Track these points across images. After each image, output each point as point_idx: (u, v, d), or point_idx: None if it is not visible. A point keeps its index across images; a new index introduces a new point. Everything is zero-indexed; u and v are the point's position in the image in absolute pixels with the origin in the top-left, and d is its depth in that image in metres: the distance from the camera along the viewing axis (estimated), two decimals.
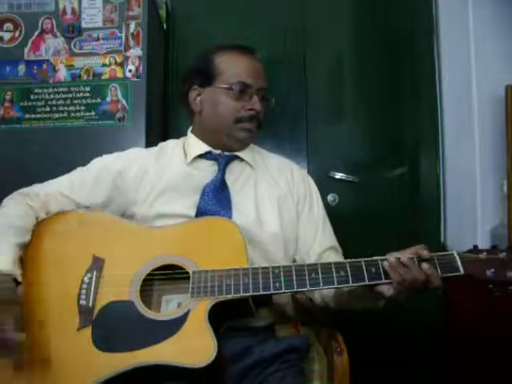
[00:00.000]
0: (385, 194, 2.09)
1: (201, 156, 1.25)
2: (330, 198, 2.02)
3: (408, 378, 1.96)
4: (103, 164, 1.25)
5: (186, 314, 0.98)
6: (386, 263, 0.99)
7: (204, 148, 1.26)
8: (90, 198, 1.20)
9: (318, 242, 1.24)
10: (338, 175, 2.07)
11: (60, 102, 1.78)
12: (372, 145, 2.12)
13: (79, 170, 1.25)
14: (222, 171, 1.23)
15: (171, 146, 1.31)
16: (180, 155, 1.27)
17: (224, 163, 1.24)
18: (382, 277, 0.98)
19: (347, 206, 2.05)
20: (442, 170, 2.09)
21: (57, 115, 1.78)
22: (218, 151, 1.26)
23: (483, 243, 1.77)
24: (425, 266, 0.97)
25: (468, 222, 1.85)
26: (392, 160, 2.11)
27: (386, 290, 0.99)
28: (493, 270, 0.96)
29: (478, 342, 1.72)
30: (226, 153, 1.26)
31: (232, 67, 1.23)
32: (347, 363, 1.12)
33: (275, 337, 1.15)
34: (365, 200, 2.09)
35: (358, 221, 2.01)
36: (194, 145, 1.27)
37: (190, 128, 1.33)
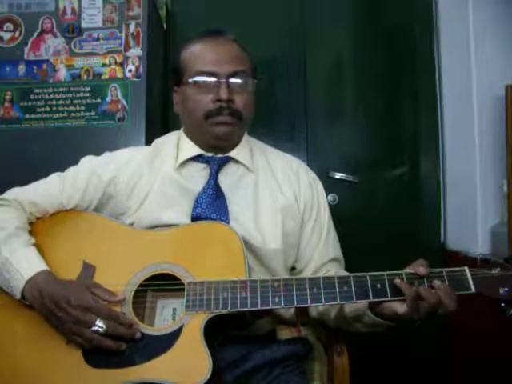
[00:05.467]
0: (385, 194, 2.10)
1: (193, 159, 1.16)
2: (330, 198, 2.02)
3: (408, 377, 1.97)
4: (93, 169, 1.16)
5: (179, 329, 0.93)
6: (397, 280, 0.90)
7: (194, 151, 1.16)
8: (80, 204, 1.14)
9: (319, 254, 1.17)
10: (338, 175, 2.07)
11: (60, 102, 1.78)
12: (372, 145, 2.13)
13: (64, 175, 1.17)
14: (215, 176, 1.13)
15: (165, 144, 1.22)
16: (173, 158, 1.17)
17: (216, 167, 1.14)
18: (388, 294, 0.91)
19: (347, 206, 2.06)
20: (441, 170, 2.10)
21: (57, 115, 1.78)
22: (209, 153, 1.16)
23: (483, 243, 1.77)
24: (437, 283, 0.89)
25: (468, 222, 1.84)
26: (392, 160, 2.11)
27: (399, 307, 0.91)
28: (506, 289, 0.89)
29: (480, 347, 1.72)
30: (220, 155, 1.16)
31: (193, 58, 1.13)
32: (347, 363, 1.12)
33: (276, 339, 1.11)
34: (365, 200, 2.09)
35: (357, 221, 2.01)
36: (185, 146, 1.18)
37: (182, 128, 1.24)
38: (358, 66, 2.15)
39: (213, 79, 1.10)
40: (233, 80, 1.10)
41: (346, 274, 1.01)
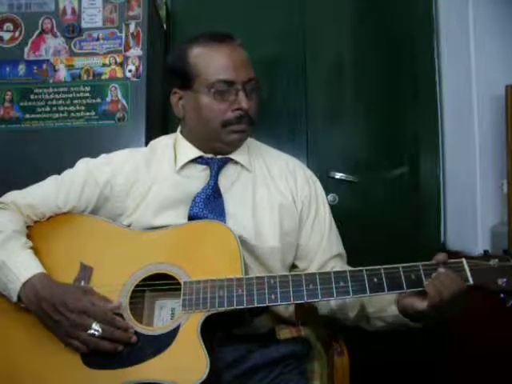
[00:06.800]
0: (385, 194, 2.09)
1: (192, 161, 1.16)
2: (330, 197, 2.02)
3: (408, 377, 1.96)
4: (89, 172, 1.16)
5: (176, 329, 0.94)
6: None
7: (194, 153, 1.16)
8: (77, 207, 1.14)
9: (323, 251, 1.17)
10: (338, 175, 2.07)
11: (60, 102, 1.78)
12: (372, 145, 2.12)
13: (61, 178, 1.17)
14: (215, 177, 1.13)
15: (162, 146, 1.22)
16: (170, 160, 1.17)
17: (216, 168, 1.14)
18: (385, 287, 0.92)
19: (347, 205, 2.05)
20: (441, 170, 2.09)
21: (57, 115, 1.77)
22: (209, 155, 1.16)
23: (483, 243, 1.76)
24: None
25: (468, 222, 1.84)
26: (392, 160, 2.11)
27: (419, 303, 0.92)
28: (505, 280, 0.89)
29: (480, 347, 1.72)
30: (219, 156, 1.16)
31: (209, 64, 1.10)
32: (347, 363, 1.12)
33: (276, 339, 1.11)
34: (365, 200, 2.09)
35: (357, 221, 2.01)
36: (184, 148, 1.17)
37: (180, 127, 1.23)
38: (358, 66, 2.15)
39: (231, 88, 1.09)
40: (248, 87, 1.11)
41: (347, 268, 1.01)
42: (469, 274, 0.92)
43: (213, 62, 1.10)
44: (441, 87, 2.11)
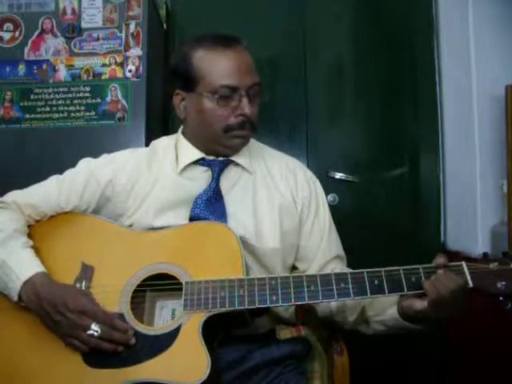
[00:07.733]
0: (385, 194, 2.10)
1: (194, 162, 1.16)
2: (330, 198, 2.02)
3: (408, 377, 1.96)
4: (90, 171, 1.15)
5: (177, 329, 0.94)
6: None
7: (196, 155, 1.15)
8: (79, 206, 1.13)
9: (323, 252, 1.17)
10: (338, 175, 2.07)
11: (60, 101, 1.78)
12: (372, 145, 2.13)
13: (62, 177, 1.17)
14: (216, 179, 1.13)
15: (163, 146, 1.21)
16: (172, 161, 1.17)
17: (218, 170, 1.14)
18: (385, 290, 0.93)
19: (347, 206, 2.06)
20: (441, 170, 2.09)
21: (57, 115, 1.78)
22: (210, 157, 1.16)
23: (483, 243, 1.77)
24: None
25: (468, 222, 1.85)
26: (392, 160, 2.11)
27: (419, 303, 0.92)
28: (504, 283, 0.89)
29: (480, 348, 1.72)
30: (220, 158, 1.16)
31: (213, 69, 1.08)
32: (347, 363, 1.12)
33: (276, 339, 1.11)
34: (365, 200, 2.09)
35: (357, 221, 2.01)
36: (186, 150, 1.17)
37: (181, 128, 1.23)
38: (358, 66, 2.15)
39: (235, 93, 1.08)
40: (251, 92, 1.10)
41: (347, 270, 1.01)
42: (468, 276, 0.92)
43: (217, 66, 1.09)
44: (441, 87, 2.11)
